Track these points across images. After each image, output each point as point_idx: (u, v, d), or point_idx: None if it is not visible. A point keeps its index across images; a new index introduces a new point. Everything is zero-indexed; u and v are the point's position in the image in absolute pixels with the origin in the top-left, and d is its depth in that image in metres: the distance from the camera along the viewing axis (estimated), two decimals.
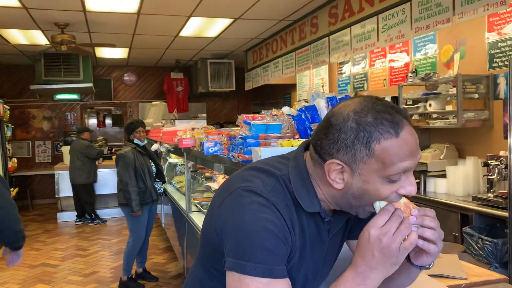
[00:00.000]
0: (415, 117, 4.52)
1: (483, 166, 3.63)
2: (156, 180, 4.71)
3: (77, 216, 7.55)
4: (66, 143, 9.39)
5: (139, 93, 10.19)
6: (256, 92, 8.93)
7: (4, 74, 9.19)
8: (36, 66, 7.88)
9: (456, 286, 1.57)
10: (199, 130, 3.03)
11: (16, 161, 8.13)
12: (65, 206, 7.81)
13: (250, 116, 2.20)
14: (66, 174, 7.52)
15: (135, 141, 4.53)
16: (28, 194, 8.86)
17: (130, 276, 4.43)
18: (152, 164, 4.66)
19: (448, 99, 4.17)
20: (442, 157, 4.25)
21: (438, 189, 4.10)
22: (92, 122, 11.38)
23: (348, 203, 1.00)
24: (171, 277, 4.71)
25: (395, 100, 4.97)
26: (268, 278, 0.91)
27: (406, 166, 0.92)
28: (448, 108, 4.15)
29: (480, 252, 3.25)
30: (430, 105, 4.28)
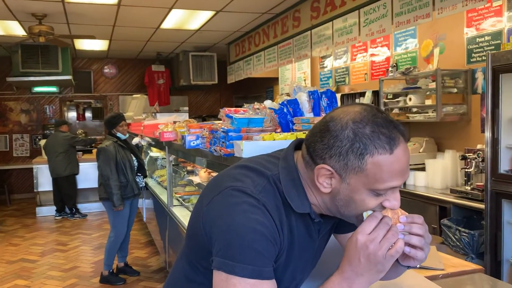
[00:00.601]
0: (396, 111, 4.57)
1: (461, 160, 3.70)
2: (138, 174, 4.66)
3: (56, 210, 7.44)
4: (45, 137, 9.22)
5: (119, 85, 10.05)
6: (238, 85, 8.91)
7: None
8: (13, 57, 7.71)
9: (434, 277, 1.60)
10: (181, 124, 3.01)
11: None
12: (44, 200, 7.69)
13: (232, 109, 2.19)
14: (45, 168, 7.39)
15: (118, 134, 4.48)
16: (5, 189, 8.69)
17: (111, 271, 4.39)
18: (134, 158, 4.61)
19: (427, 93, 4.23)
20: (421, 150, 4.32)
21: (418, 182, 4.16)
22: (72, 115, 11.19)
23: (337, 209, 1.01)
24: (153, 271, 4.69)
25: (376, 94, 5.03)
26: (255, 279, 0.92)
27: (394, 184, 0.94)
28: (428, 102, 4.22)
29: (458, 243, 3.32)
30: (410, 99, 4.34)
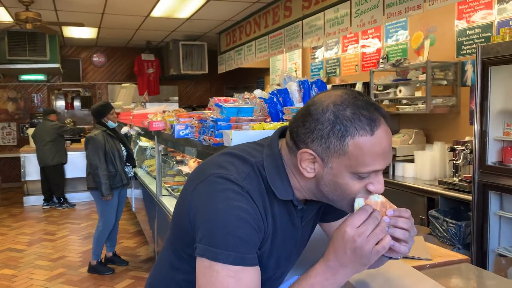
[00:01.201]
0: (386, 102, 4.58)
1: (449, 151, 3.72)
2: (127, 164, 4.63)
3: (44, 200, 7.37)
4: (33, 125, 9.10)
5: (108, 74, 9.94)
6: (229, 75, 8.86)
7: None
8: None
9: (421, 267, 1.61)
10: (170, 113, 2.98)
11: None
12: (31, 190, 7.61)
13: (222, 99, 2.18)
14: (32, 157, 7.31)
15: (109, 123, 4.43)
16: None
17: (99, 260, 4.37)
18: (123, 147, 4.58)
19: (417, 85, 4.25)
20: (410, 142, 4.34)
21: (406, 173, 4.19)
22: (60, 104, 11.06)
23: (323, 194, 1.01)
24: (141, 261, 4.68)
25: (366, 85, 5.03)
26: (239, 266, 0.92)
27: (377, 167, 0.94)
28: (418, 94, 4.23)
29: (445, 234, 3.36)
30: (400, 91, 4.34)
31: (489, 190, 3.02)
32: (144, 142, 5.70)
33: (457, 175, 3.62)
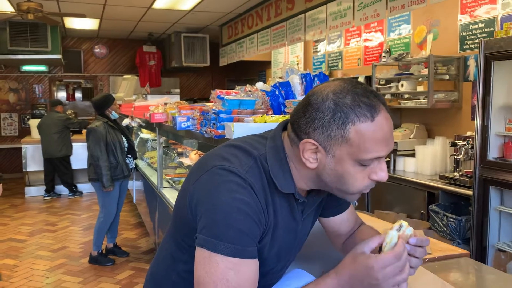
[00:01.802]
0: (387, 97, 4.58)
1: (451, 146, 3.72)
2: (128, 155, 4.64)
3: (46, 191, 7.39)
4: (34, 116, 9.10)
5: (110, 66, 9.92)
6: (231, 68, 8.85)
7: None
8: (0, 35, 7.54)
9: None
10: (172, 105, 2.98)
11: None
12: (32, 180, 7.63)
13: (224, 91, 2.17)
14: (34, 148, 7.33)
15: (113, 114, 4.43)
16: None
17: (100, 251, 4.39)
18: (124, 139, 4.58)
19: (419, 80, 4.24)
20: (412, 136, 4.34)
21: (407, 167, 4.19)
22: (61, 95, 11.04)
23: (325, 184, 1.01)
24: (142, 252, 4.70)
25: (368, 79, 5.02)
26: (238, 258, 0.93)
27: (379, 154, 0.94)
28: (420, 88, 4.22)
29: (445, 228, 3.37)
30: (402, 85, 4.34)
31: (489, 185, 3.03)
32: (145, 134, 5.70)
33: (458, 170, 3.62)
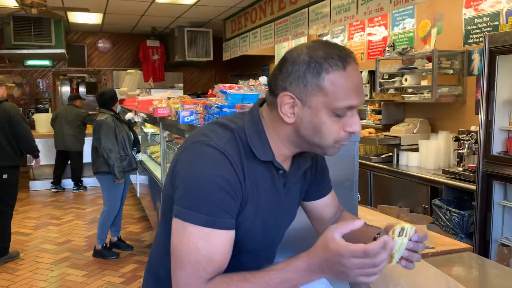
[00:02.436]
0: (391, 91, 4.56)
1: (454, 141, 3.72)
2: (133, 148, 4.66)
3: (53, 183, 7.42)
4: (38, 111, 9.12)
5: (113, 60, 9.92)
6: (234, 63, 8.82)
7: None
8: (4, 29, 7.57)
9: (424, 255, 1.62)
10: (175, 100, 2.98)
11: None
12: (37, 174, 7.66)
13: (227, 85, 2.17)
14: (38, 142, 7.29)
15: (119, 108, 4.46)
16: None
17: (104, 245, 4.42)
18: (130, 132, 4.60)
19: (423, 74, 4.22)
20: (415, 131, 4.33)
21: (410, 162, 4.19)
22: (65, 89, 11.07)
23: (303, 140, 1.05)
24: (146, 246, 4.73)
25: (372, 74, 5.01)
26: (209, 228, 0.97)
27: (352, 102, 0.99)
28: (423, 83, 4.21)
29: (448, 223, 3.37)
30: (406, 79, 4.32)
31: (493, 180, 3.02)
32: (149, 128, 5.71)
33: (461, 164, 3.62)
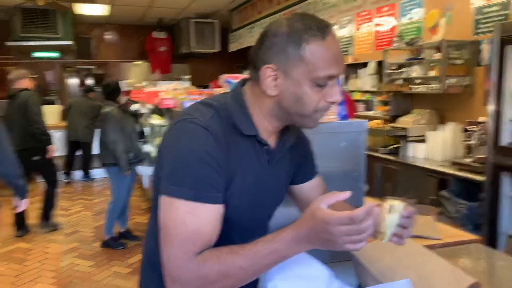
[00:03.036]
0: (399, 82, 4.52)
1: (463, 132, 3.68)
2: (140, 140, 4.67)
3: (65, 173, 7.47)
4: (46, 103, 9.14)
5: (121, 52, 9.91)
6: (241, 54, 8.78)
7: None
8: (12, 21, 7.58)
9: (431, 246, 1.61)
10: (181, 91, 2.98)
11: None
12: None
13: (234, 76, 2.16)
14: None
15: (124, 100, 4.47)
16: None
17: (112, 236, 4.45)
18: (136, 123, 4.61)
19: (431, 65, 4.17)
20: (423, 122, 4.29)
21: (417, 153, 4.16)
22: (72, 81, 11.09)
23: (285, 111, 1.07)
24: None
25: (379, 64, 4.96)
26: (196, 202, 0.97)
27: (332, 71, 1.01)
28: (432, 73, 4.16)
29: (456, 215, 3.34)
30: (414, 70, 4.28)
31: (502, 172, 2.99)
32: (155, 120, 5.71)
33: (470, 156, 3.58)
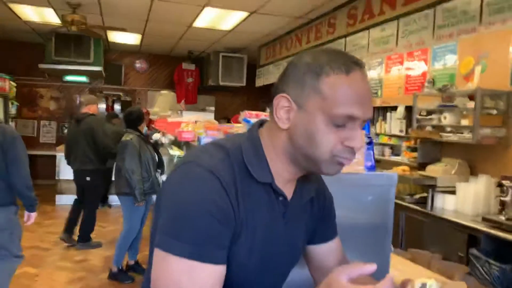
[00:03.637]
0: (428, 128, 4.34)
1: (497, 186, 3.45)
2: (157, 170, 4.59)
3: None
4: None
5: (149, 81, 10.08)
6: (266, 89, 8.78)
7: (14, 51, 9.06)
8: (46, 45, 7.82)
9: None
10: (201, 124, 2.89)
11: None
12: (64, 189, 7.73)
13: (254, 113, 2.05)
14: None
15: (145, 129, 4.44)
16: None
17: (120, 268, 4.31)
18: (155, 153, 4.55)
19: (464, 113, 3.99)
20: (453, 172, 4.07)
21: (447, 205, 3.92)
22: (101, 106, 11.28)
23: (301, 153, 0.93)
24: None
25: (409, 109, 4.80)
26: (194, 261, 0.83)
27: (352, 111, 0.88)
28: (464, 122, 3.97)
29: (486, 276, 3.08)
30: (445, 117, 4.10)
31: None
32: (175, 151, 5.65)
33: (503, 213, 3.34)
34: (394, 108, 5.13)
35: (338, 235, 1.21)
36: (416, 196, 4.25)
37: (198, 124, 2.92)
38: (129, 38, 8.17)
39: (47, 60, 7.82)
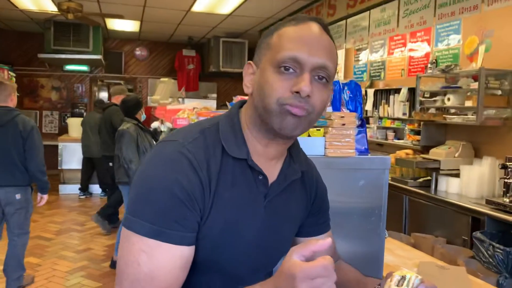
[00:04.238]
0: (432, 110, 4.26)
1: (501, 168, 3.37)
2: None
3: (80, 189, 7.41)
4: (74, 115, 9.27)
5: (150, 68, 9.99)
6: None
7: (13, 41, 8.99)
8: (45, 34, 7.74)
9: None
10: (197, 110, 2.83)
11: None
12: (67, 178, 7.72)
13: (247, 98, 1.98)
14: (70, 146, 7.42)
15: (143, 116, 4.39)
16: None
17: None
18: (153, 141, 4.49)
19: (468, 94, 3.90)
20: (457, 155, 3.99)
21: (450, 188, 3.86)
22: (102, 95, 11.25)
23: (259, 112, 0.90)
24: None
25: (412, 91, 4.71)
26: (154, 240, 0.82)
27: (295, 53, 0.85)
28: (468, 103, 3.88)
29: (490, 259, 3.03)
30: (449, 99, 4.01)
31: None
32: None
33: (508, 195, 3.27)
34: (397, 91, 5.04)
35: (330, 220, 1.16)
36: (420, 180, 4.19)
37: (195, 111, 2.87)
38: (128, 25, 8.07)
39: (47, 49, 7.75)
